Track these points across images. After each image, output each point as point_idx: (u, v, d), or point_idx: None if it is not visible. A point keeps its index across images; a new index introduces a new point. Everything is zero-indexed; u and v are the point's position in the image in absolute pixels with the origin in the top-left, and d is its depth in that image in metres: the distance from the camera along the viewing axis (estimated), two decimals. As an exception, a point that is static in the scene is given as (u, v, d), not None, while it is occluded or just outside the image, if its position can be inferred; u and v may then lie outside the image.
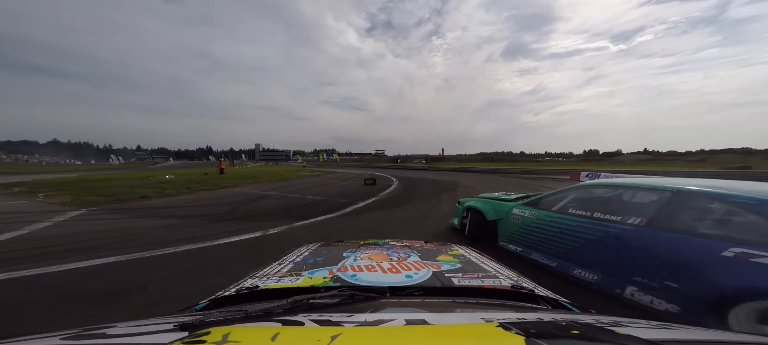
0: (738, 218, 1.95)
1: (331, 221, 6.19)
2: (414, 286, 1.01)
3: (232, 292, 1.01)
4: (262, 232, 5.03)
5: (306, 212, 7.04)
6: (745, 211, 1.93)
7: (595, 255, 2.63)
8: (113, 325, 0.69)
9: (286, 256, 1.47)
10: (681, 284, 1.99)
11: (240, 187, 13.07)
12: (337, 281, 1.03)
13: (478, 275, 1.14)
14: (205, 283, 2.98)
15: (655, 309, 2.14)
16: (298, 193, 10.79)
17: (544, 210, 3.35)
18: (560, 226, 3.03)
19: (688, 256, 2.00)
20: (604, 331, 0.58)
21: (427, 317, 0.68)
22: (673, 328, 0.69)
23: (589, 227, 2.74)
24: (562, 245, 2.97)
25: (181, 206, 7.94)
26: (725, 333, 0.64)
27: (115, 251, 3.91)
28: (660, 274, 2.13)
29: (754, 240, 1.78)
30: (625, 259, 2.37)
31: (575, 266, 2.80)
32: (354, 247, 1.55)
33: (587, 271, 2.66)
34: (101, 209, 7.40)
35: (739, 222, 1.93)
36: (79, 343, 0.57)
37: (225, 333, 0.57)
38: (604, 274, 2.53)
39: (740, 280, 1.71)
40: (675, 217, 2.23)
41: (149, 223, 5.83)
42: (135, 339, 0.58)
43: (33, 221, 5.88)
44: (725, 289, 1.75)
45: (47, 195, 9.69)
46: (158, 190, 11.11)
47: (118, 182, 13.91)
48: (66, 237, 4.72)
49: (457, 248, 1.59)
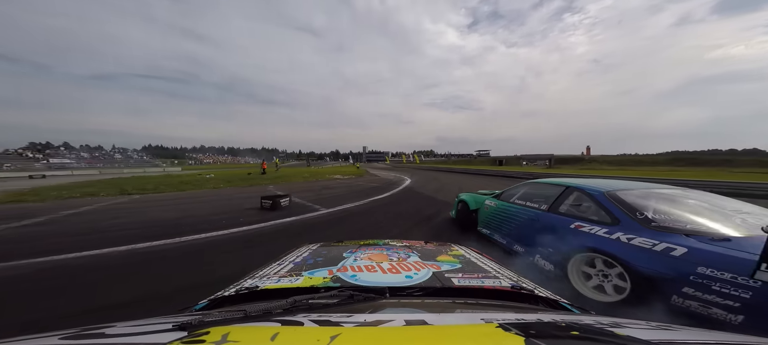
0: (584, 203, 2.95)
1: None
2: (414, 287, 1.01)
3: (232, 292, 1.00)
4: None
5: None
6: (588, 198, 2.93)
7: (523, 232, 3.48)
8: (112, 324, 0.69)
9: (285, 256, 1.47)
10: (556, 248, 2.81)
11: (228, 188, 13.06)
12: (336, 281, 1.03)
13: (478, 276, 1.14)
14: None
15: (545, 269, 2.91)
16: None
17: (503, 201, 4.23)
18: (509, 212, 3.90)
19: (559, 229, 2.91)
20: (604, 332, 0.58)
21: (427, 318, 0.68)
22: (672, 329, 0.69)
23: (522, 212, 3.63)
24: (509, 227, 3.81)
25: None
26: (725, 334, 0.64)
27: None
28: (547, 242, 2.95)
29: (586, 216, 2.79)
30: (536, 234, 3.17)
31: (514, 242, 3.59)
32: (354, 247, 1.55)
33: (520, 245, 3.47)
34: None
35: (582, 206, 2.96)
36: (78, 343, 0.57)
37: (224, 333, 0.57)
38: (528, 246, 3.29)
39: (576, 242, 2.63)
40: (560, 203, 3.20)
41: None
42: (134, 339, 0.58)
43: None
44: (572, 247, 2.63)
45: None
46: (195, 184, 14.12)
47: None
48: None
49: (457, 248, 1.59)
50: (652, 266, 2.06)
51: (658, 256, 2.05)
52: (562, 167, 45.25)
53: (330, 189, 12.40)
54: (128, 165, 62.02)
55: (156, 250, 4.05)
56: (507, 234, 3.80)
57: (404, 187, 13.03)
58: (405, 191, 11.61)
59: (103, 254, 3.86)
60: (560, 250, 2.74)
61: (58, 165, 55.99)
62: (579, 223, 2.75)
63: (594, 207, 2.79)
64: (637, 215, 2.42)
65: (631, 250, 2.22)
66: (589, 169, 38.86)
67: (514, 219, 3.74)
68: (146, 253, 3.93)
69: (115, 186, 13.31)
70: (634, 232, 2.30)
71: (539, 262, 3.02)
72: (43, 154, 75.23)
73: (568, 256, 2.65)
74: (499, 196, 4.54)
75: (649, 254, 2.11)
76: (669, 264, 1.98)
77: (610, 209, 2.62)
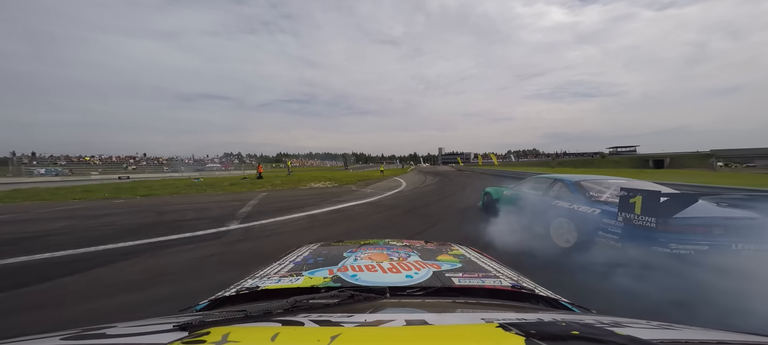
0: (562, 189, 4.45)
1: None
2: (414, 286, 1.01)
3: (232, 293, 1.00)
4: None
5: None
6: (565, 186, 4.43)
7: (528, 210, 4.93)
8: (113, 325, 0.69)
9: (286, 256, 1.47)
10: (544, 221, 4.35)
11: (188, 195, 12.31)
12: (337, 281, 1.03)
13: (479, 275, 1.13)
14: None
15: (538, 233, 4.31)
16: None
17: (515, 191, 5.88)
18: (519, 198, 5.49)
19: (547, 208, 4.42)
20: (604, 331, 0.58)
21: (427, 317, 0.68)
22: (673, 328, 0.69)
23: (528, 197, 5.24)
24: (519, 207, 5.27)
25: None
26: (725, 333, 0.64)
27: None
28: (540, 214, 4.49)
29: (564, 197, 4.26)
30: (535, 209, 4.72)
31: (523, 217, 4.95)
32: (354, 247, 1.55)
33: (526, 219, 4.82)
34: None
35: (560, 190, 4.47)
36: (79, 343, 0.57)
37: (225, 333, 0.57)
38: (530, 218, 4.71)
39: (555, 213, 4.18)
40: (549, 190, 4.77)
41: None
42: (135, 339, 0.58)
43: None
44: (553, 216, 4.20)
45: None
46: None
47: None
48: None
49: (457, 248, 1.59)
50: (586, 224, 3.64)
51: (590, 217, 3.64)
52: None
53: (239, 202, 9.61)
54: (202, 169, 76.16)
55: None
56: (519, 212, 5.16)
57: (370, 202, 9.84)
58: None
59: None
60: (547, 219, 4.33)
61: (214, 168, 78.68)
62: (559, 202, 4.31)
63: (567, 192, 4.35)
64: (586, 195, 4.02)
65: (579, 215, 3.81)
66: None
67: (522, 202, 5.29)
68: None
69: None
70: (583, 205, 3.88)
71: (535, 228, 4.49)
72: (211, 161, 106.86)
73: (550, 221, 4.25)
74: (512, 188, 6.22)
75: (586, 216, 3.69)
76: (593, 220, 3.56)
77: (574, 192, 4.21)
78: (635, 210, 3.07)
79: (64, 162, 70.76)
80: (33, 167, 48.78)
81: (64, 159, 77.16)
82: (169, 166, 73.66)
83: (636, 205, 3.07)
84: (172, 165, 78.27)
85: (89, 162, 77.45)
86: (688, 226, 2.89)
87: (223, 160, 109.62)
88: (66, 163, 69.91)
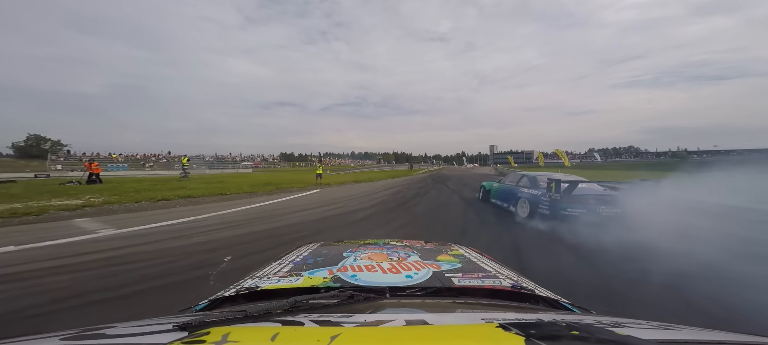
0: (523, 180, 7.50)
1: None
2: (414, 286, 1.01)
3: (232, 293, 1.00)
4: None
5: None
6: (528, 179, 7.31)
7: (507, 196, 7.65)
8: (113, 325, 0.69)
9: (286, 256, 1.47)
10: (514, 199, 7.14)
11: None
12: (337, 281, 1.03)
13: (479, 275, 1.13)
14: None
15: (510, 210, 7.22)
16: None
17: (504, 184, 8.30)
18: (502, 188, 8.19)
19: (516, 191, 7.24)
20: (604, 331, 0.58)
21: (427, 318, 0.68)
22: (673, 328, 0.69)
23: (506, 187, 7.94)
24: (502, 195, 8.00)
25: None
26: (725, 333, 0.64)
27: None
28: (512, 198, 7.28)
29: (524, 185, 7.29)
30: (510, 195, 7.49)
31: (504, 202, 7.74)
32: (354, 247, 1.54)
33: (505, 202, 7.63)
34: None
35: (522, 181, 7.52)
36: (79, 344, 0.57)
37: (224, 333, 0.57)
38: (507, 202, 7.52)
39: (520, 196, 6.96)
40: (519, 180, 7.67)
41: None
42: (134, 339, 0.58)
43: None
44: (518, 198, 6.97)
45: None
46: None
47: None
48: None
49: (457, 248, 1.59)
50: (535, 201, 6.25)
51: (536, 197, 6.29)
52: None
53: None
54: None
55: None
56: (502, 199, 7.93)
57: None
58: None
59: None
60: (515, 199, 7.03)
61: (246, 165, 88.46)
62: (522, 189, 7.08)
63: (528, 182, 7.10)
64: (536, 184, 6.73)
65: (533, 196, 6.39)
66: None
67: (504, 191, 7.96)
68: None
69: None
70: (535, 190, 6.58)
71: (509, 208, 7.24)
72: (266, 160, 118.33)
73: (517, 201, 6.88)
74: (501, 181, 8.77)
75: (535, 197, 6.30)
76: (537, 199, 6.22)
77: (532, 182, 6.93)
78: (552, 190, 5.81)
79: (88, 159, 71.19)
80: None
81: (94, 156, 77.53)
82: (192, 164, 73.10)
83: (552, 188, 5.82)
84: (193, 162, 77.50)
85: (114, 160, 78.42)
86: (575, 198, 5.57)
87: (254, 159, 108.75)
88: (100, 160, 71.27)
